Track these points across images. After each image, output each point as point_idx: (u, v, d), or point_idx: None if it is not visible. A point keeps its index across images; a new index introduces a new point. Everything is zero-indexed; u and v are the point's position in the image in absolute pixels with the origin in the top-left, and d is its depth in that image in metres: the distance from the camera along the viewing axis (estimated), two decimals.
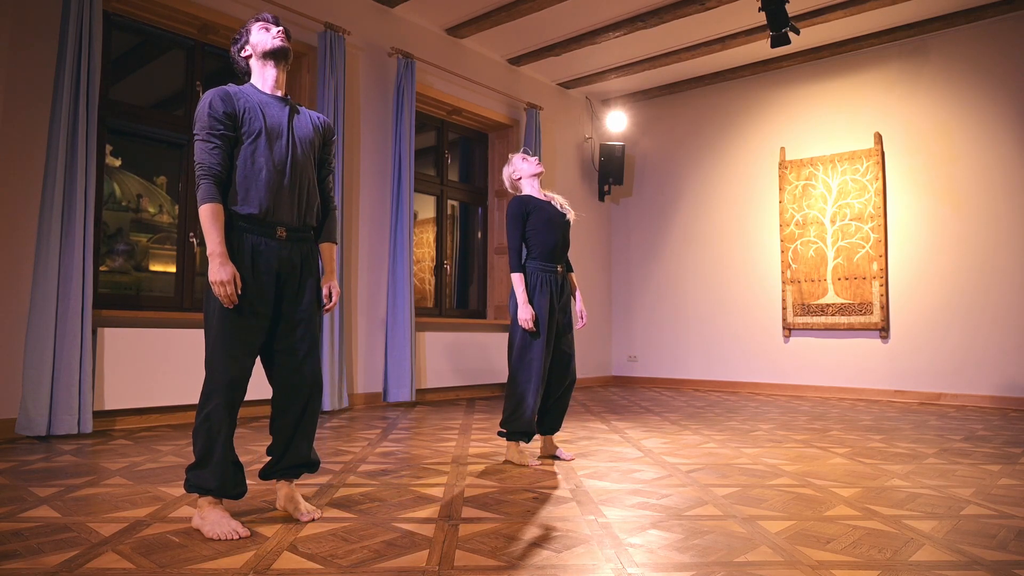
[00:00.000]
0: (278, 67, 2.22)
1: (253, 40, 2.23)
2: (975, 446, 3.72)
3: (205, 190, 2.03)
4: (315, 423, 2.24)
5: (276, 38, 2.21)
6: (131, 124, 4.55)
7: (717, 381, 7.32)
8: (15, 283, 3.78)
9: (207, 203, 2.02)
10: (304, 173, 2.20)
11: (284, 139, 2.15)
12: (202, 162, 2.04)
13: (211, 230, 2.00)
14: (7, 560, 1.76)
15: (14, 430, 3.68)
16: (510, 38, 6.43)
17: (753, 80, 7.25)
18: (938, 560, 1.82)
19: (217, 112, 2.06)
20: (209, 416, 2.02)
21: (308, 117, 2.29)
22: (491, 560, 1.79)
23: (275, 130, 2.14)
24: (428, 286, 6.73)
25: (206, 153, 2.04)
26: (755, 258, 7.15)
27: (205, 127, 2.05)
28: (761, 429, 4.34)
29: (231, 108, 2.08)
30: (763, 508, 2.35)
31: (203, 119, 2.06)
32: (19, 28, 3.85)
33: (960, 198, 6.03)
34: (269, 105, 2.17)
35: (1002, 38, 5.90)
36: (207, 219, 2.01)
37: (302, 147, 2.20)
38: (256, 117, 2.11)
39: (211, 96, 2.09)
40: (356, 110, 5.53)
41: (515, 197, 3.29)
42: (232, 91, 2.12)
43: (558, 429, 3.34)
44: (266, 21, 2.26)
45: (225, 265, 1.98)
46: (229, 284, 1.97)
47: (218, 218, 2.02)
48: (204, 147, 2.05)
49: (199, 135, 2.06)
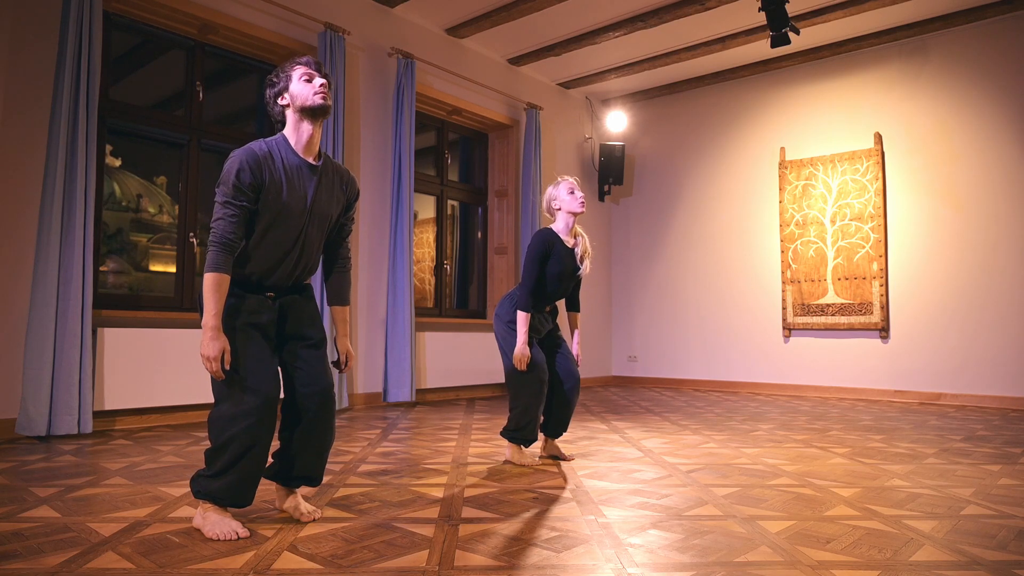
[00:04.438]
0: (315, 124, 2.11)
1: (293, 90, 2.09)
2: (975, 446, 3.72)
3: (215, 258, 1.96)
4: (326, 437, 2.15)
5: (318, 95, 2.08)
6: (131, 124, 4.55)
7: (717, 381, 7.32)
8: (15, 283, 3.78)
9: (214, 272, 1.95)
10: (311, 246, 2.16)
11: (302, 217, 2.09)
12: (219, 231, 1.97)
13: (210, 300, 1.94)
14: (7, 560, 1.76)
15: (14, 430, 3.68)
16: (510, 38, 6.43)
17: (753, 80, 7.25)
18: (938, 560, 1.82)
19: (244, 183, 1.99)
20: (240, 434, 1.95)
21: (335, 182, 2.20)
22: (491, 560, 1.79)
23: (295, 207, 2.07)
24: (428, 286, 6.73)
25: (225, 221, 1.97)
26: (755, 258, 7.15)
27: (229, 194, 1.98)
28: (761, 429, 4.34)
29: (258, 180, 2.01)
30: (763, 508, 2.35)
31: (228, 185, 1.99)
32: (19, 28, 3.85)
33: (960, 198, 6.03)
34: (297, 174, 2.08)
35: (1002, 38, 5.90)
36: (209, 288, 1.95)
37: (319, 224, 2.15)
38: (279, 192, 2.04)
39: (241, 162, 2.00)
40: (356, 110, 5.53)
41: (540, 234, 3.15)
42: (262, 156, 2.03)
43: (563, 432, 3.32)
44: (308, 67, 2.12)
45: (216, 340, 1.93)
46: (216, 360, 1.92)
47: (221, 289, 1.96)
48: (224, 213, 1.98)
49: (221, 199, 1.99)
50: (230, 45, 4.96)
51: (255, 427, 1.95)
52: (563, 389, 3.22)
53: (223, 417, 1.97)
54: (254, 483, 2.04)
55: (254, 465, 2.00)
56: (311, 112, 2.08)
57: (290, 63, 2.15)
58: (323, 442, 2.16)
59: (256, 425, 1.95)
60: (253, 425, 1.94)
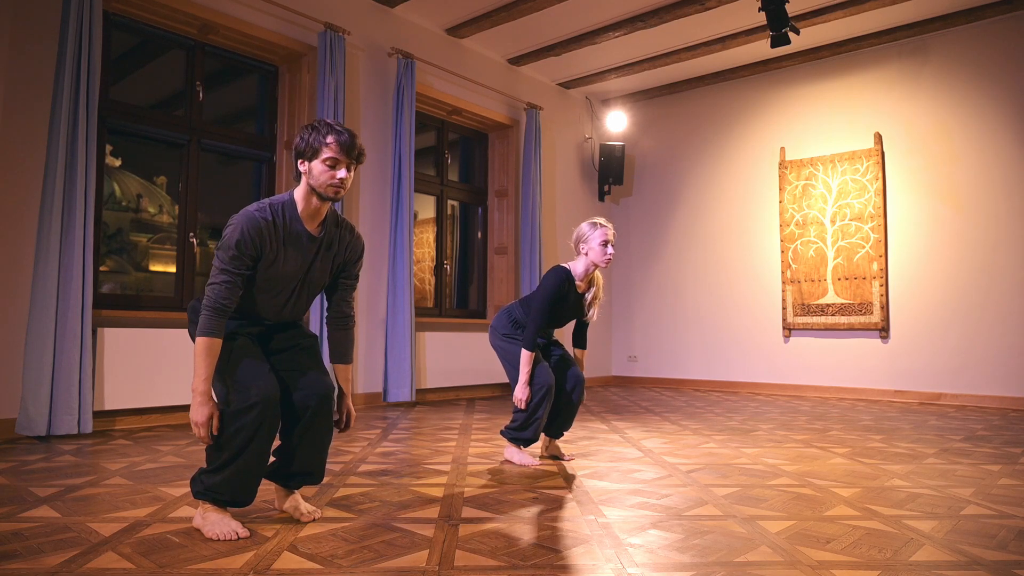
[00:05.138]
0: (324, 203, 2.09)
1: (313, 168, 2.03)
2: (975, 446, 3.72)
3: (208, 322, 1.95)
4: (325, 434, 2.17)
5: (335, 184, 2.03)
6: (131, 124, 4.54)
7: (717, 381, 7.32)
8: (15, 283, 3.78)
9: (206, 336, 1.94)
10: (302, 300, 2.20)
11: (294, 282, 2.12)
12: (214, 296, 1.95)
13: (201, 365, 1.94)
14: (7, 560, 1.76)
15: (14, 430, 3.68)
16: (510, 38, 6.43)
17: (753, 80, 7.25)
18: (938, 560, 1.82)
19: (246, 250, 1.98)
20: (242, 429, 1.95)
21: (336, 246, 2.18)
22: (491, 560, 1.79)
23: (289, 274, 2.09)
24: (428, 286, 6.73)
25: (221, 287, 1.96)
26: (755, 258, 7.15)
27: (227, 262, 1.97)
28: (761, 429, 4.34)
29: (257, 250, 2.00)
30: (763, 508, 2.35)
31: (231, 249, 1.97)
32: (19, 28, 3.85)
33: (960, 198, 6.03)
34: (296, 244, 2.07)
35: (1002, 38, 5.90)
36: (201, 352, 1.94)
37: (311, 287, 2.18)
38: (274, 261, 2.04)
39: (243, 232, 1.98)
40: (356, 110, 5.53)
41: (557, 275, 3.09)
42: (264, 225, 2.01)
43: (564, 432, 3.32)
44: (339, 150, 2.01)
45: (204, 405, 1.93)
46: (204, 426, 1.93)
47: (212, 353, 1.95)
48: (221, 280, 1.96)
49: (221, 261, 1.97)
50: (230, 45, 4.96)
51: (256, 421, 1.95)
52: (567, 391, 3.21)
53: (225, 414, 1.97)
54: (255, 480, 2.04)
55: (255, 461, 2.00)
56: (321, 196, 2.06)
57: (327, 129, 2.04)
58: (323, 439, 2.17)
59: (257, 419, 1.95)
60: (254, 419, 1.95)
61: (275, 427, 2.03)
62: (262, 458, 2.02)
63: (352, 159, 2.05)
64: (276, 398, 2.00)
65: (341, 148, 2.02)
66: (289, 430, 2.15)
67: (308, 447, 2.15)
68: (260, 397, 1.96)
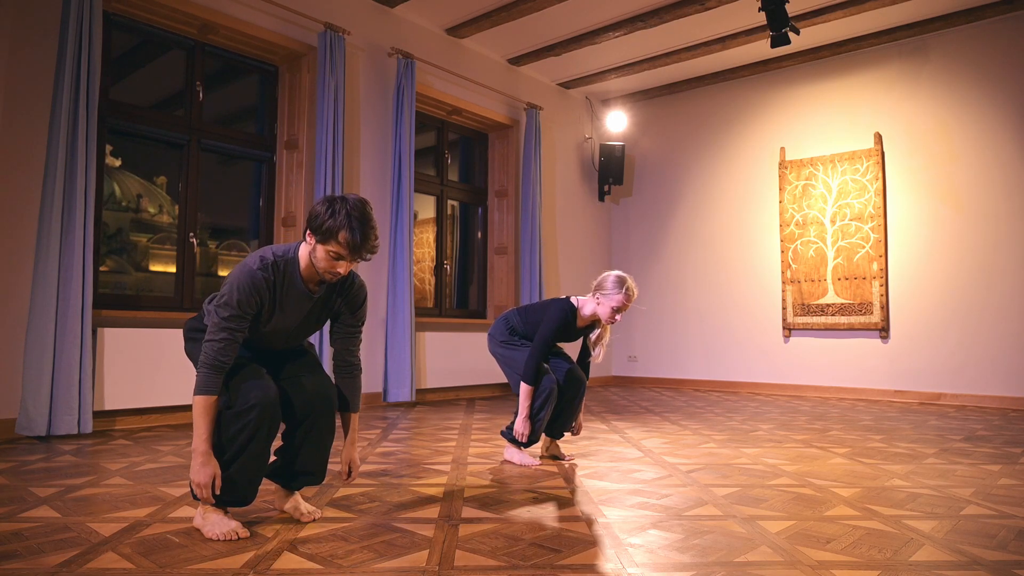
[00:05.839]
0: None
1: (318, 251, 1.95)
2: (975, 446, 3.72)
3: (205, 381, 1.93)
4: (327, 434, 2.18)
5: (333, 272, 1.98)
6: (131, 124, 4.54)
7: (717, 381, 7.32)
8: (15, 283, 3.78)
9: (204, 395, 1.92)
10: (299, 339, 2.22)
11: (286, 333, 2.13)
12: (213, 354, 1.93)
13: (200, 423, 1.92)
14: (7, 560, 1.76)
15: (14, 430, 3.68)
16: (510, 38, 6.43)
17: (753, 80, 7.25)
18: (938, 560, 1.82)
19: (247, 306, 1.97)
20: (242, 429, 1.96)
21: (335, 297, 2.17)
22: (491, 560, 1.79)
23: (282, 328, 2.10)
24: (428, 286, 6.73)
25: (219, 344, 1.93)
26: (755, 258, 7.15)
27: (227, 319, 1.95)
28: (761, 429, 4.34)
29: (256, 308, 1.99)
30: (763, 508, 2.35)
31: (233, 302, 1.95)
32: (19, 28, 3.84)
33: (960, 198, 6.03)
34: (296, 300, 2.07)
35: (1002, 38, 5.90)
36: (199, 410, 1.92)
37: (306, 330, 2.19)
38: (270, 318, 2.05)
39: (243, 290, 1.96)
40: (356, 110, 5.53)
41: (564, 310, 3.09)
42: (266, 283, 1.99)
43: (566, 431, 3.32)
44: (345, 249, 1.93)
45: (206, 465, 1.92)
46: (207, 488, 1.92)
47: (211, 412, 1.93)
48: (221, 337, 1.94)
49: (219, 321, 1.95)
50: (230, 45, 4.96)
51: (256, 421, 1.96)
52: (568, 393, 3.22)
53: (226, 416, 1.98)
54: (255, 480, 2.04)
55: (255, 461, 2.00)
56: (318, 272, 2.03)
57: (344, 221, 1.90)
58: (325, 439, 2.18)
59: (257, 419, 1.96)
60: (255, 420, 1.96)
61: (275, 428, 2.03)
62: (262, 458, 2.03)
63: (353, 256, 1.96)
64: (276, 399, 2.01)
65: (350, 249, 1.93)
66: (291, 431, 2.16)
67: (310, 447, 2.16)
68: (260, 398, 1.96)
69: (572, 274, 7.63)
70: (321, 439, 2.17)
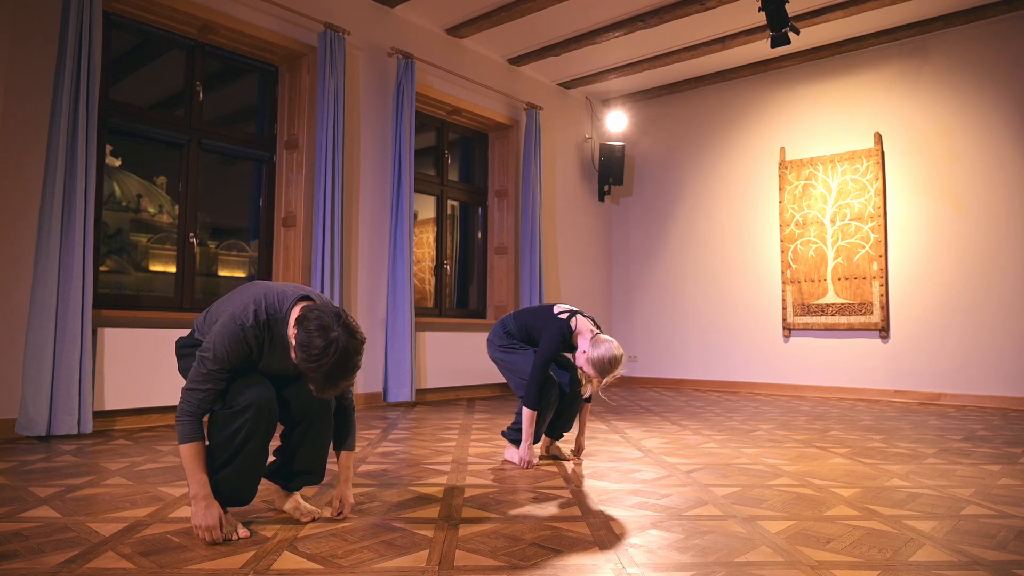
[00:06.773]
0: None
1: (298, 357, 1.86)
2: (975, 446, 3.72)
3: (187, 430, 1.92)
4: (326, 434, 2.18)
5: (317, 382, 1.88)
6: (131, 124, 4.54)
7: (717, 381, 7.32)
8: (15, 283, 3.78)
9: (189, 442, 1.92)
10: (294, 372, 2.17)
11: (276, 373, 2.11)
12: (194, 404, 1.93)
13: (194, 470, 1.92)
14: (7, 560, 1.76)
15: (14, 430, 3.68)
16: (510, 38, 6.43)
17: (753, 80, 7.25)
18: (938, 560, 1.82)
19: (234, 357, 1.94)
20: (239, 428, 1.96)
21: None
22: (491, 560, 1.79)
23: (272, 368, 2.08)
24: (428, 286, 6.73)
25: (202, 394, 1.93)
26: (755, 258, 7.15)
27: (212, 368, 1.92)
28: (761, 429, 4.34)
29: (244, 356, 1.97)
30: (763, 508, 2.35)
31: (220, 353, 1.93)
32: (19, 28, 3.85)
33: (960, 198, 6.03)
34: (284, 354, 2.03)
35: (1002, 38, 5.90)
36: (189, 458, 1.92)
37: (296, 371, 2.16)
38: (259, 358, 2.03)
39: (233, 341, 1.93)
40: (356, 110, 5.53)
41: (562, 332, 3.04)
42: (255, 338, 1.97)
43: (565, 433, 3.32)
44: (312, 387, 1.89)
45: (211, 508, 1.91)
46: (215, 528, 1.90)
47: (199, 457, 1.93)
48: (204, 387, 1.93)
49: (204, 371, 1.93)
50: (230, 45, 4.96)
51: (254, 420, 1.96)
52: (568, 393, 3.22)
53: (223, 415, 1.98)
54: (254, 479, 2.04)
55: (253, 460, 2.01)
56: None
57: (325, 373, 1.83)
58: (323, 439, 2.18)
59: (255, 418, 1.96)
60: (252, 419, 1.96)
61: (272, 427, 2.03)
62: (261, 457, 2.03)
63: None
64: (273, 399, 2.02)
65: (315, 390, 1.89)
66: (290, 431, 2.16)
67: (309, 446, 2.16)
68: (256, 397, 1.97)
69: (572, 274, 7.64)
70: (319, 439, 2.17)
